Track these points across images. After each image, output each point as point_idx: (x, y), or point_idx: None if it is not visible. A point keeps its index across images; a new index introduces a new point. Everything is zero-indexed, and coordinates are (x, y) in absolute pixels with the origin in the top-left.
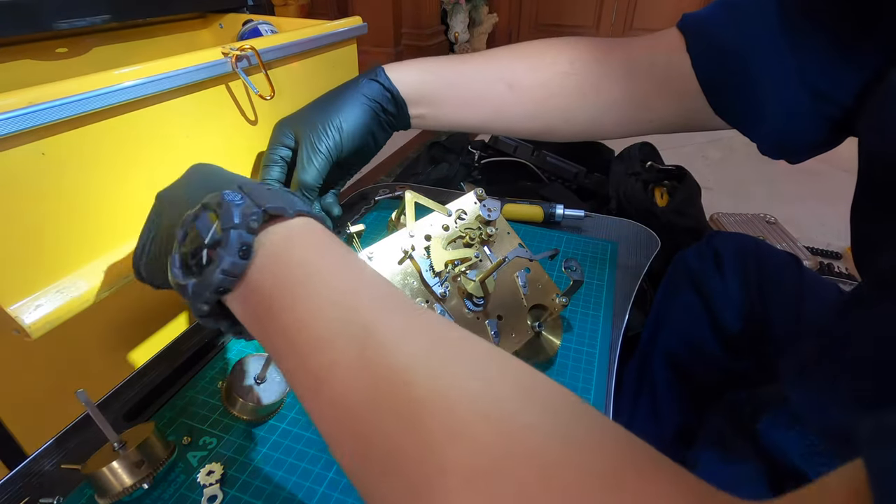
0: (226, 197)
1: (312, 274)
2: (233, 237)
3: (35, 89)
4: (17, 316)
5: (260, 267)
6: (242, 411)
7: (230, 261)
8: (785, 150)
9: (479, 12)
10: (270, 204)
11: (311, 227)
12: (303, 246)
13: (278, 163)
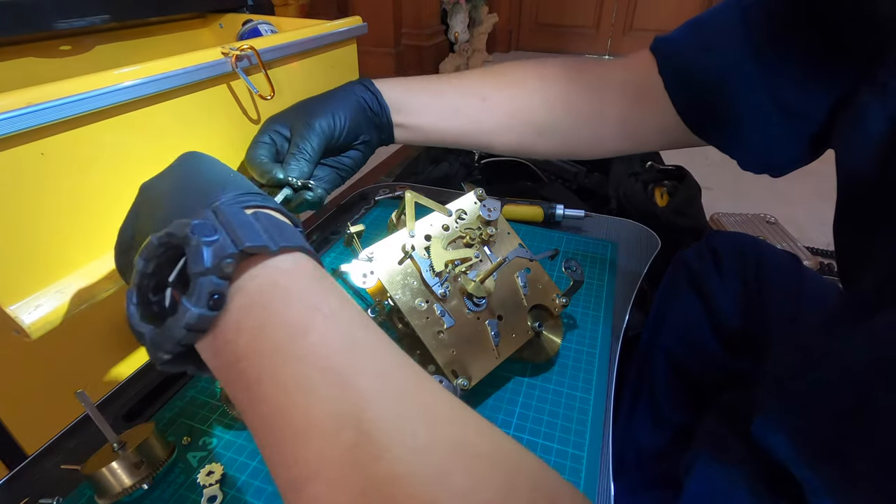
0: (195, 232)
1: (298, 335)
2: (202, 284)
3: (34, 89)
4: (17, 316)
5: (234, 321)
6: None
7: (197, 313)
8: (763, 165)
9: (479, 12)
10: (250, 242)
11: (301, 270)
12: (288, 296)
13: (268, 144)
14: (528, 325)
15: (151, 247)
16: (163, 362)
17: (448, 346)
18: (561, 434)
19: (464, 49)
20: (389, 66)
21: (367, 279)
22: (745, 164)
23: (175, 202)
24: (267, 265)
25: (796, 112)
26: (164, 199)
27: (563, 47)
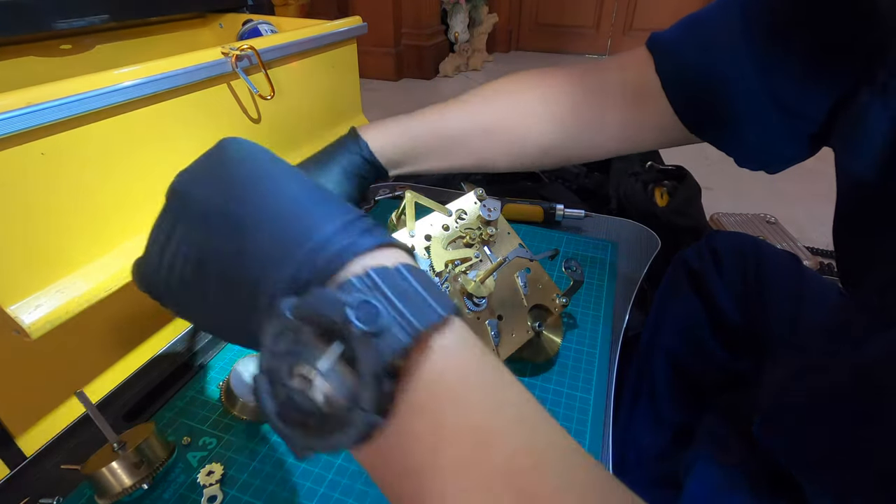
0: (359, 319)
1: (482, 446)
2: (373, 386)
3: (34, 89)
4: (17, 316)
5: (407, 426)
6: (242, 411)
7: (369, 422)
8: (761, 162)
9: (479, 12)
10: (423, 323)
11: (467, 349)
12: (465, 394)
13: None
14: (528, 325)
15: (283, 321)
16: (305, 454)
17: None
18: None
19: (464, 49)
20: (389, 66)
21: None
22: (742, 161)
23: (254, 234)
24: (432, 349)
25: (795, 111)
26: (230, 223)
27: (563, 47)
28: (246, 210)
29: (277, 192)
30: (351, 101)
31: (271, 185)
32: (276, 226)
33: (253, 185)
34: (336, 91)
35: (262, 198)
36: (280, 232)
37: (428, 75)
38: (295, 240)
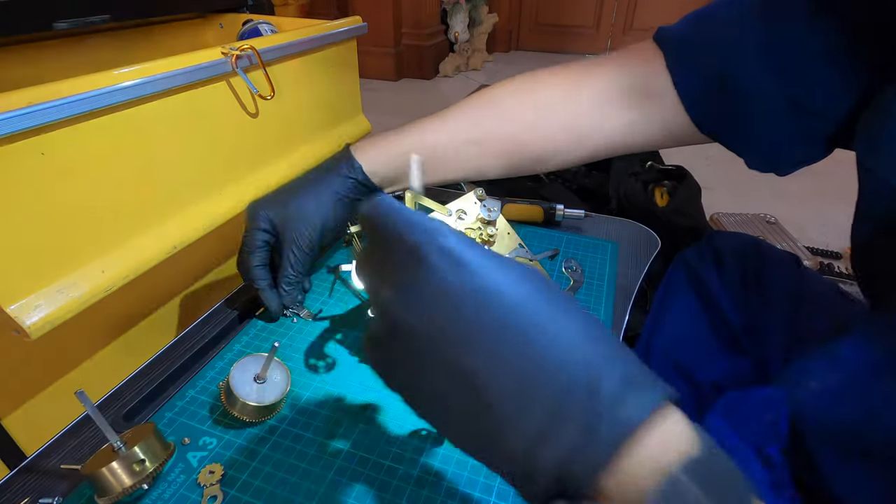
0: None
1: None
2: None
3: (34, 89)
4: (17, 316)
5: None
6: (242, 411)
7: None
8: (772, 164)
9: (479, 12)
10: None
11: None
12: None
13: (262, 248)
14: None
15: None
16: None
17: None
18: None
19: (464, 49)
20: (389, 65)
21: None
22: (752, 162)
23: (499, 393)
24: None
25: (811, 111)
26: (467, 379)
27: (563, 47)
28: (483, 363)
29: (520, 341)
30: (351, 101)
31: (512, 332)
32: (525, 388)
33: (491, 331)
34: (336, 91)
35: (504, 347)
36: (533, 396)
37: (428, 75)
38: (554, 410)
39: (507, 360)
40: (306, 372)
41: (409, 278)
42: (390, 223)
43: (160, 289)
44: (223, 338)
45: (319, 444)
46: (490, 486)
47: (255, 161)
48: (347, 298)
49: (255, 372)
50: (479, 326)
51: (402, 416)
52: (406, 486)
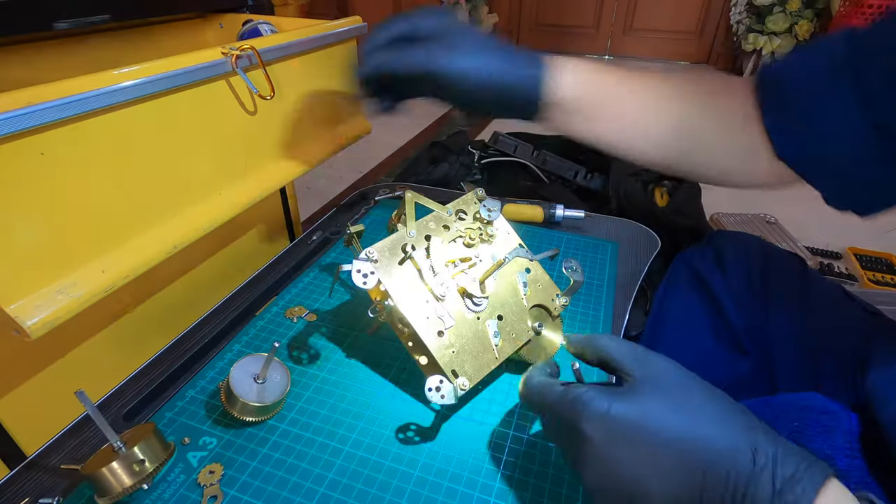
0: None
1: None
2: None
3: (34, 89)
4: (17, 316)
5: None
6: (242, 411)
7: None
8: (851, 197)
9: (478, 12)
10: None
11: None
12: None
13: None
14: (528, 325)
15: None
16: None
17: (448, 346)
18: None
19: None
20: None
21: (368, 280)
22: (830, 194)
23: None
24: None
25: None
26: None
27: (563, 47)
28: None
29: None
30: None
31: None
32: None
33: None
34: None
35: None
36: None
37: None
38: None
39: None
40: (306, 372)
41: (578, 453)
42: (546, 403)
43: (160, 288)
44: (223, 338)
45: (319, 444)
46: (490, 485)
47: (255, 161)
48: (347, 299)
49: (255, 372)
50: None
51: (401, 416)
52: (406, 486)
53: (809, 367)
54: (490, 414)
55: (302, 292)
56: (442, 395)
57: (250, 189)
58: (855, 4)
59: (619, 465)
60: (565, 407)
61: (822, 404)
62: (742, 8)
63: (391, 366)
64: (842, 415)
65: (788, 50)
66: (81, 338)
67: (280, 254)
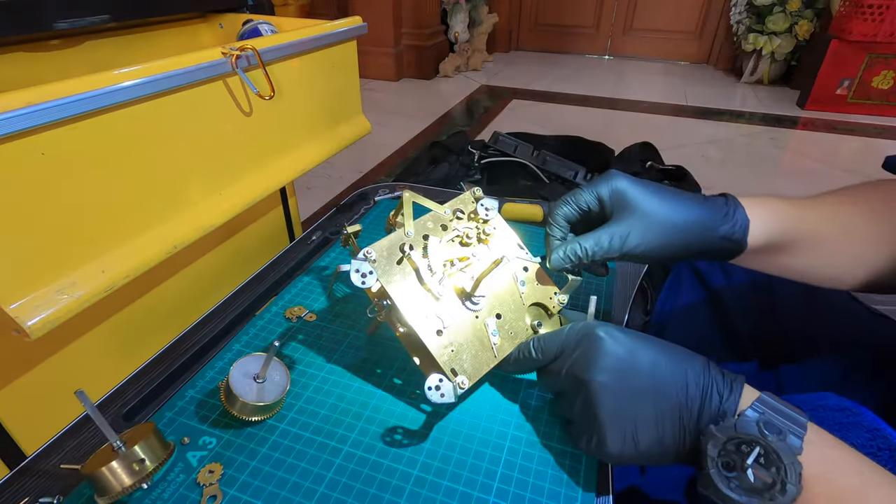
0: (765, 429)
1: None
2: (795, 470)
3: (34, 89)
4: (17, 316)
5: (809, 492)
6: (242, 411)
7: (792, 494)
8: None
9: (479, 12)
10: (800, 423)
11: (829, 438)
12: (840, 460)
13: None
14: (526, 323)
15: (718, 440)
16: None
17: (447, 345)
18: (561, 434)
19: (464, 49)
20: (389, 66)
21: (367, 279)
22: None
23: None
24: (810, 441)
25: None
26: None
27: (563, 47)
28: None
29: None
30: (351, 101)
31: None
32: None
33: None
34: (336, 91)
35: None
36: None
37: (428, 75)
38: (698, 405)
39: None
40: (306, 372)
41: (586, 352)
42: (563, 338)
43: (160, 288)
44: (223, 338)
45: (319, 444)
46: (489, 485)
47: (255, 161)
48: (347, 299)
49: (255, 372)
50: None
51: (401, 416)
52: (405, 485)
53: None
54: (490, 413)
55: (302, 292)
56: (442, 394)
57: (250, 189)
58: (855, 4)
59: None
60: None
61: (838, 402)
62: (742, 8)
63: (391, 365)
64: (861, 410)
65: (789, 50)
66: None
67: (280, 254)
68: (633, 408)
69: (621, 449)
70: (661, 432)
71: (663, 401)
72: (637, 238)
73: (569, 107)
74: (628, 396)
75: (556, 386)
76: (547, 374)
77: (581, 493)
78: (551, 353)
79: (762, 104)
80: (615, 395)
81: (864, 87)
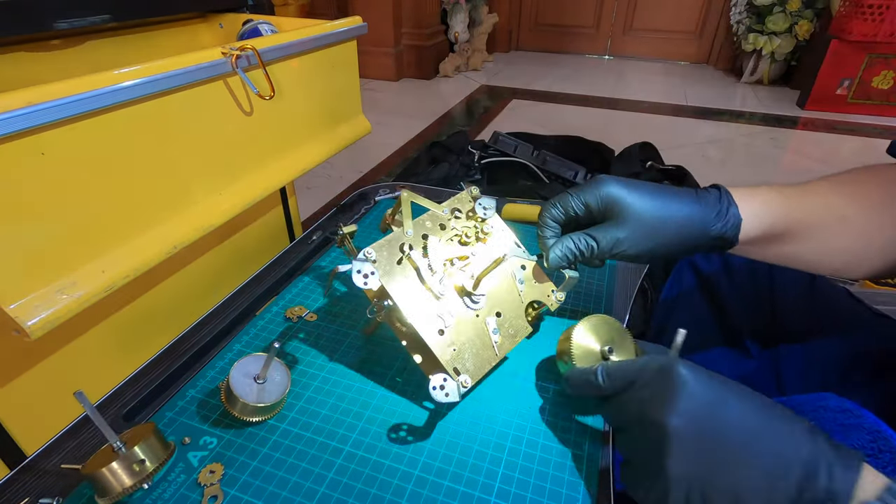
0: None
1: None
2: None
3: (34, 89)
4: (17, 316)
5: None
6: (242, 411)
7: None
8: None
9: (479, 12)
10: None
11: None
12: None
13: (570, 209)
14: (525, 321)
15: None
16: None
17: (448, 344)
18: (562, 434)
19: (464, 49)
20: (389, 66)
21: (369, 280)
22: None
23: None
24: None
25: None
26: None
27: (563, 47)
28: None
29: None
30: (351, 101)
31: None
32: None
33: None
34: (336, 91)
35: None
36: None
37: (428, 75)
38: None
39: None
40: (306, 372)
41: (663, 390)
42: (636, 369)
43: (160, 288)
44: (223, 338)
45: (319, 444)
46: (490, 485)
47: (255, 161)
48: (346, 299)
49: (255, 372)
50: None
51: (402, 416)
52: (406, 485)
53: (816, 368)
54: (491, 413)
55: (302, 292)
56: (446, 394)
57: (250, 189)
58: (855, 4)
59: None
60: (652, 360)
61: (838, 403)
62: (742, 8)
63: (391, 365)
64: (861, 412)
65: (789, 50)
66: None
67: (280, 254)
68: (709, 467)
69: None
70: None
71: (751, 466)
72: (628, 241)
73: (569, 107)
74: (706, 452)
75: (621, 421)
76: (612, 405)
77: (582, 494)
78: (620, 383)
79: (762, 104)
80: (690, 446)
81: (864, 87)
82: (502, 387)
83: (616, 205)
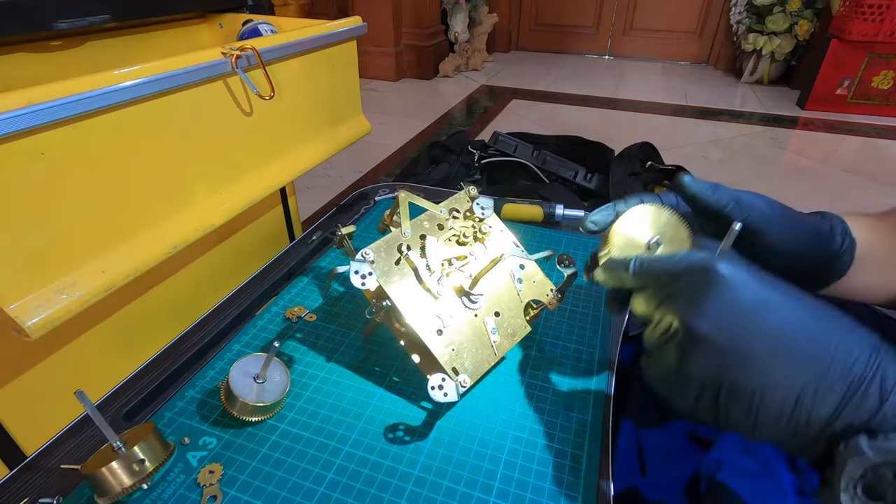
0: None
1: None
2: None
3: (34, 89)
4: (17, 316)
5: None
6: (242, 411)
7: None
8: None
9: (479, 12)
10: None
11: None
12: None
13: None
14: (524, 321)
15: (863, 460)
16: None
17: (447, 344)
18: (561, 434)
19: (464, 49)
20: (389, 66)
21: (367, 280)
22: None
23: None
24: None
25: None
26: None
27: (563, 47)
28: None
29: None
30: (351, 101)
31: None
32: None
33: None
34: (336, 91)
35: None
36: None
37: (427, 75)
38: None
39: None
40: (306, 372)
41: (697, 290)
42: (671, 263)
43: (160, 288)
44: (223, 338)
45: (319, 444)
46: (489, 485)
47: (255, 161)
48: (346, 299)
49: (255, 372)
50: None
51: (401, 416)
52: (406, 486)
53: None
54: (490, 413)
55: (302, 292)
56: (445, 393)
57: (250, 189)
58: (855, 4)
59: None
60: (696, 256)
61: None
62: (742, 8)
63: (391, 365)
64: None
65: (788, 50)
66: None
67: (280, 254)
68: (733, 372)
69: (692, 409)
70: (766, 408)
71: (787, 366)
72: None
73: (569, 107)
74: (734, 361)
75: (647, 315)
76: (641, 299)
77: (581, 494)
78: (650, 276)
79: (762, 104)
80: (716, 355)
81: (864, 87)
82: (501, 386)
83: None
